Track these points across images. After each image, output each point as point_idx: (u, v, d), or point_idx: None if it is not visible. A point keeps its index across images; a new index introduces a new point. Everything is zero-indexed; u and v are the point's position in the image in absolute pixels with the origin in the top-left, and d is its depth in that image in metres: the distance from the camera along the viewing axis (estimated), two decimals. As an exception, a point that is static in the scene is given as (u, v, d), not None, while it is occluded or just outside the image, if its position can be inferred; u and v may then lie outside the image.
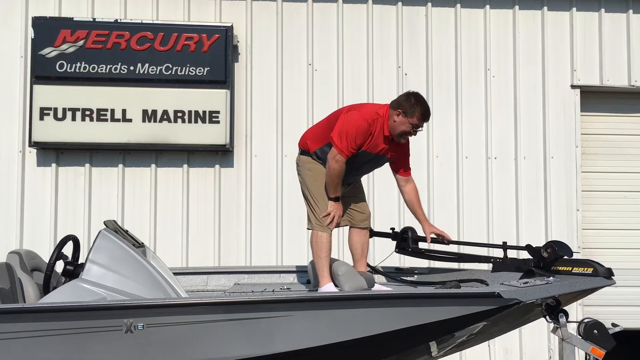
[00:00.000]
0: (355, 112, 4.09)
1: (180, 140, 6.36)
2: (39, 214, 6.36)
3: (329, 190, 4.12)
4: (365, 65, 6.73)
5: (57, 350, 3.26)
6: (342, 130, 4.01)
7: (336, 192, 4.12)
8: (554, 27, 6.91)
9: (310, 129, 4.50)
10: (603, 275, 3.66)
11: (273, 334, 3.35)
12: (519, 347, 6.51)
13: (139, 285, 3.52)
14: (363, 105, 4.33)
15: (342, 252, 5.90)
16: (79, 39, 6.33)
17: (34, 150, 6.40)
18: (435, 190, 6.64)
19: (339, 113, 4.23)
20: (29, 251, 4.31)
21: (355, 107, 4.22)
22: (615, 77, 6.90)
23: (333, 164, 4.02)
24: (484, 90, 6.80)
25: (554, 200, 6.72)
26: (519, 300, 3.39)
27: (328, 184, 4.11)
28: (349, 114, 4.08)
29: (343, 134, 4.00)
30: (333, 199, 4.13)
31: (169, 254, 6.17)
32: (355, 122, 4.02)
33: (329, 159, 4.05)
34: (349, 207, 4.41)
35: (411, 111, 4.05)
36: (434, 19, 6.83)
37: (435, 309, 3.42)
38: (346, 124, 4.02)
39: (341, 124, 4.04)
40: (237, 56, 6.64)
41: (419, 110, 4.07)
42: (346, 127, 4.01)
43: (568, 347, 3.63)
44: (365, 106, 4.28)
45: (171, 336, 3.30)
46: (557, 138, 6.80)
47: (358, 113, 4.07)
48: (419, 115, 4.07)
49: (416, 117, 4.07)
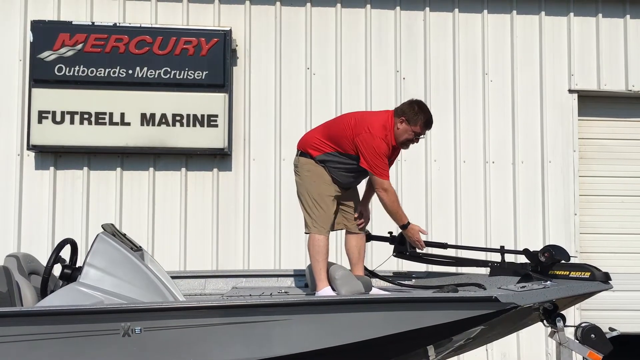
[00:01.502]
0: (368, 135, 4.05)
1: (178, 144, 6.36)
2: (37, 217, 6.36)
3: (398, 218, 4.17)
4: (364, 70, 6.74)
5: (54, 354, 3.25)
6: (371, 158, 4.04)
7: (404, 217, 4.19)
8: (552, 32, 6.93)
9: (310, 133, 4.45)
10: (600, 279, 3.66)
11: (271, 337, 3.34)
12: (517, 351, 6.51)
13: (137, 289, 3.51)
14: (370, 122, 4.16)
15: (340, 256, 5.91)
16: (78, 42, 6.34)
17: (32, 154, 6.40)
18: (433, 195, 6.65)
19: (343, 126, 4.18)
20: (26, 254, 4.30)
21: (363, 127, 4.11)
22: (612, 81, 6.93)
23: (386, 194, 4.09)
24: (481, 95, 6.81)
25: (552, 205, 6.73)
26: (516, 305, 3.40)
27: (395, 213, 4.15)
28: (366, 140, 4.04)
29: (375, 163, 4.05)
30: (406, 224, 4.19)
31: (166, 257, 6.16)
32: (376, 145, 4.04)
33: (379, 191, 4.12)
34: (344, 212, 4.42)
35: (414, 119, 4.11)
36: (432, 23, 6.85)
37: (432, 313, 3.42)
38: (371, 150, 4.04)
39: (366, 152, 4.04)
40: (236, 60, 6.65)
41: (422, 118, 4.13)
42: (373, 153, 4.04)
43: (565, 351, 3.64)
44: (372, 123, 4.15)
45: (169, 340, 3.30)
46: (554, 142, 6.82)
47: (371, 136, 4.05)
48: (422, 123, 4.14)
49: (419, 125, 4.13)
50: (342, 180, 4.27)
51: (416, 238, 4.23)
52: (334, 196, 4.27)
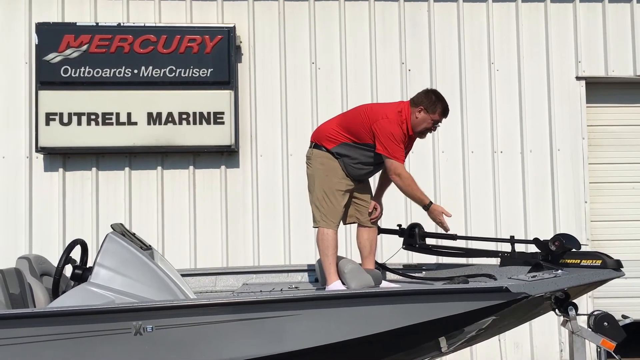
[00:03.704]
0: (385, 120, 4.12)
1: (185, 142, 6.37)
2: (47, 219, 6.39)
3: (418, 200, 4.16)
4: (369, 62, 6.72)
5: (67, 354, 3.28)
6: (387, 143, 4.08)
7: (425, 198, 4.16)
8: (558, 19, 6.87)
9: (325, 125, 4.43)
10: (612, 267, 3.64)
11: (282, 333, 3.35)
12: (530, 341, 6.49)
13: (147, 288, 3.53)
14: (385, 110, 4.24)
15: (350, 250, 5.91)
16: (83, 43, 6.35)
17: (41, 156, 6.43)
18: (442, 186, 6.63)
19: (360, 116, 4.22)
20: (38, 256, 4.34)
21: (380, 114, 4.18)
22: (620, 67, 6.86)
23: (399, 179, 4.10)
24: (488, 84, 6.77)
25: (562, 193, 6.69)
26: (527, 294, 3.39)
27: (413, 196, 4.16)
28: (383, 125, 4.10)
29: (391, 146, 4.07)
30: (428, 205, 4.15)
31: (176, 255, 6.19)
32: (393, 130, 4.09)
33: (393, 177, 4.13)
34: (357, 205, 4.42)
35: (432, 108, 4.19)
36: (436, 13, 6.81)
37: (443, 304, 3.42)
38: (387, 135, 4.08)
39: (382, 137, 4.08)
40: (240, 56, 6.65)
41: (440, 106, 4.22)
42: (389, 138, 4.08)
43: (578, 339, 3.63)
44: (387, 110, 4.23)
45: (180, 337, 3.31)
46: (563, 130, 6.77)
47: (388, 121, 4.11)
48: (440, 111, 4.22)
49: (438, 113, 4.22)
50: (356, 172, 4.27)
51: (439, 220, 4.17)
52: (345, 190, 4.27)
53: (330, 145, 4.25)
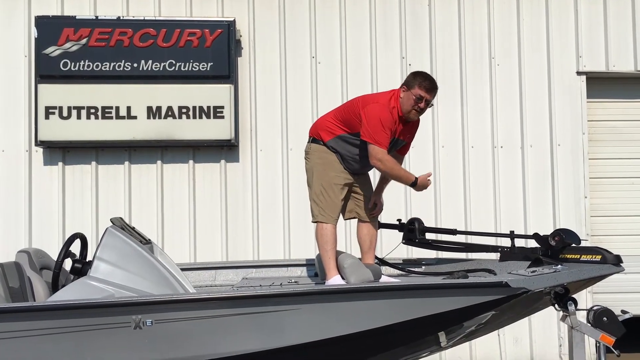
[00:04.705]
0: (374, 104, 4.10)
1: (185, 136, 6.37)
2: (46, 213, 6.39)
3: (406, 177, 4.14)
4: (369, 57, 6.70)
5: (66, 347, 3.29)
6: (371, 127, 4.03)
7: (410, 175, 4.15)
8: (559, 13, 6.85)
9: (321, 118, 4.45)
10: (612, 262, 3.64)
11: (281, 327, 3.36)
12: (529, 336, 6.50)
13: (147, 282, 3.53)
14: (377, 96, 4.31)
15: (350, 245, 5.91)
16: (82, 37, 6.33)
17: (41, 150, 6.43)
18: (442, 181, 6.62)
19: (353, 106, 4.23)
20: (37, 250, 4.34)
21: (371, 100, 4.20)
22: (621, 62, 6.84)
23: (381, 163, 4.05)
24: (488, 79, 6.76)
25: (562, 188, 6.68)
26: (527, 289, 3.39)
27: (398, 177, 4.15)
28: (370, 109, 4.07)
29: (374, 130, 4.02)
30: (415, 182, 4.13)
31: (176, 250, 6.18)
32: (379, 114, 4.04)
33: (373, 162, 4.08)
34: (357, 199, 4.41)
35: (412, 83, 4.13)
36: (437, 8, 6.78)
37: (443, 299, 3.42)
38: (372, 120, 4.03)
39: (367, 121, 4.05)
40: (240, 51, 6.63)
41: (419, 79, 4.13)
42: (374, 122, 4.03)
43: (578, 335, 3.63)
44: (379, 96, 4.27)
45: (180, 332, 3.32)
46: (563, 125, 6.76)
47: (378, 105, 4.09)
48: (419, 83, 4.11)
49: (417, 87, 4.10)
50: (353, 165, 4.26)
51: (427, 186, 4.22)
52: (344, 184, 4.26)
53: (327, 137, 4.24)
